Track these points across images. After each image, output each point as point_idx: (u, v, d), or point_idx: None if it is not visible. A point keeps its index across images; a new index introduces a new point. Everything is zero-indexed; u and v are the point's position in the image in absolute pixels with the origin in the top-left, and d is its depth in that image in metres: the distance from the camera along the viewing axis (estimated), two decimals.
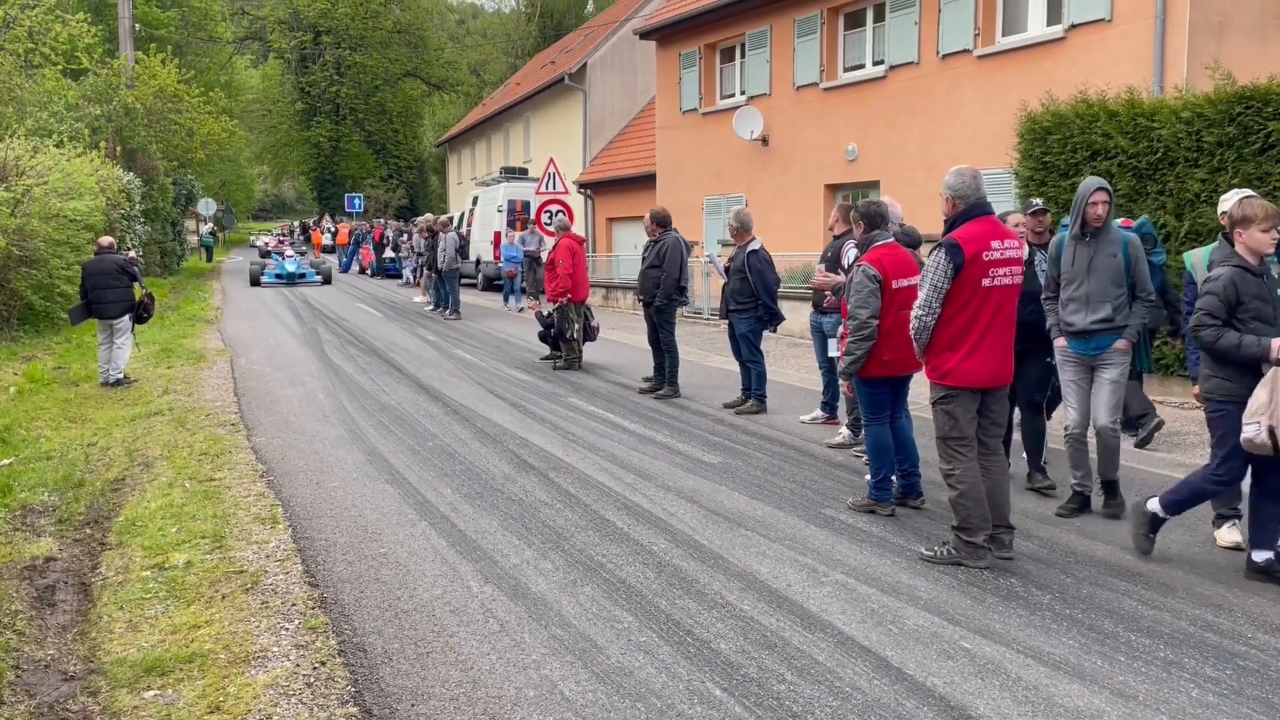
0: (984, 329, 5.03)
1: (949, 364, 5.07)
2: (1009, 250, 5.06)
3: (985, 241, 4.99)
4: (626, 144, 27.45)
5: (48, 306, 14.83)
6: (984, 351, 5.04)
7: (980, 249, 4.97)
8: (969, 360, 5.04)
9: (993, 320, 5.05)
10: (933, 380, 5.20)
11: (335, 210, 52.61)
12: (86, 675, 4.02)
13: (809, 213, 17.56)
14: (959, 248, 4.96)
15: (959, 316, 5.03)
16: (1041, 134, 10.72)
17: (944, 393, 5.14)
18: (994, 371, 5.11)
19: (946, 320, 5.06)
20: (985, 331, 5.04)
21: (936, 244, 5.11)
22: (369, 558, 5.30)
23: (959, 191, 5.13)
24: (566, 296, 11.83)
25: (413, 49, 57.22)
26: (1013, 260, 5.07)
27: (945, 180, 5.21)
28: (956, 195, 5.13)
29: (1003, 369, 5.16)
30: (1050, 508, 6.14)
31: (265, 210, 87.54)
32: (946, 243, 5.01)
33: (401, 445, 7.92)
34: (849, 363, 5.95)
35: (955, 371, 5.06)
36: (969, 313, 5.02)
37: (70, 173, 16.73)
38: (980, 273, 4.98)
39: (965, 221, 5.08)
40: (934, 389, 5.21)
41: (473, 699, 3.73)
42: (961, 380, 5.07)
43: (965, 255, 4.95)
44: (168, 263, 28.57)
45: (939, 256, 5.01)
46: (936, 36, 15.07)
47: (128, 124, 24.63)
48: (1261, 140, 8.73)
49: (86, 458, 7.73)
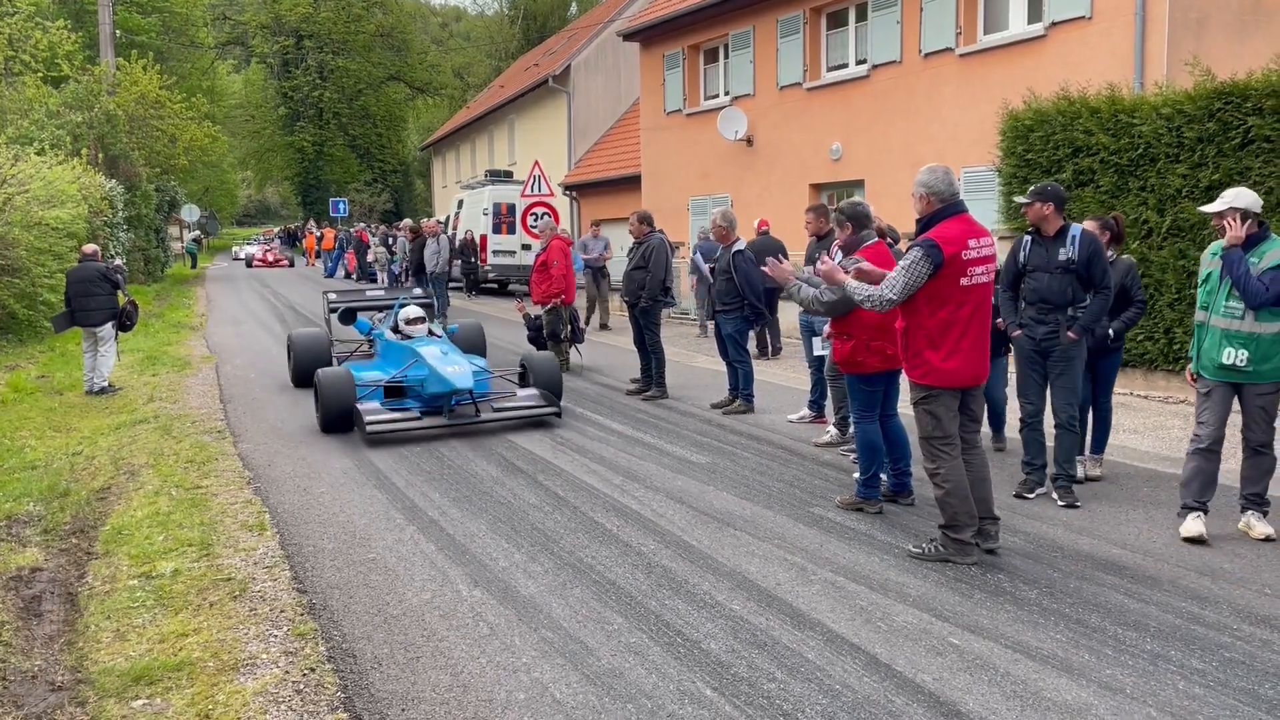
0: (963, 328, 5.02)
1: (930, 363, 5.05)
2: (985, 248, 5.04)
3: (963, 241, 4.96)
4: (611, 146, 27.45)
5: (31, 315, 14.74)
6: (964, 352, 5.04)
7: (959, 249, 4.93)
8: (950, 360, 5.03)
9: (971, 319, 5.04)
10: (914, 380, 5.18)
11: (320, 215, 52.41)
12: (74, 685, 4.00)
13: (794, 213, 17.53)
14: (938, 248, 4.91)
15: (938, 315, 5.00)
16: (1024, 132, 10.78)
17: (925, 393, 5.12)
18: (974, 371, 5.13)
19: (924, 319, 5.04)
20: (964, 331, 5.02)
21: (913, 243, 5.05)
22: (357, 563, 5.29)
23: (934, 189, 5.08)
24: (560, 298, 11.84)
25: (396, 53, 57.06)
26: (988, 258, 5.06)
27: (918, 178, 5.15)
28: (931, 193, 5.09)
29: (981, 368, 5.17)
30: (1036, 503, 6.18)
31: (249, 216, 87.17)
32: (924, 243, 4.95)
33: (388, 450, 7.90)
34: (832, 296, 5.70)
35: (936, 371, 5.05)
36: (946, 313, 4.99)
37: (52, 180, 16.61)
38: (959, 272, 4.95)
39: (941, 220, 5.04)
40: (915, 389, 5.19)
41: (463, 703, 3.73)
42: (944, 381, 5.06)
43: (944, 255, 4.90)
44: (151, 270, 28.40)
45: (916, 255, 4.94)
46: (919, 35, 15.13)
47: (109, 131, 24.46)
48: (1241, 135, 8.79)
49: (72, 467, 7.69)
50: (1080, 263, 5.98)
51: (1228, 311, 5.40)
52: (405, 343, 9.56)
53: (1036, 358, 6.15)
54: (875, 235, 6.22)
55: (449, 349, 9.10)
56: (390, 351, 9.96)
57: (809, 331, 8.50)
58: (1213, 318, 5.48)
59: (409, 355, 9.20)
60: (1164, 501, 6.15)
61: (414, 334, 9.72)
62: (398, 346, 9.69)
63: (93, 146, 23.38)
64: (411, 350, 9.18)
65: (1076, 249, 6.00)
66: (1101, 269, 6.02)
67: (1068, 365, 6.12)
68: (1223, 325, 5.42)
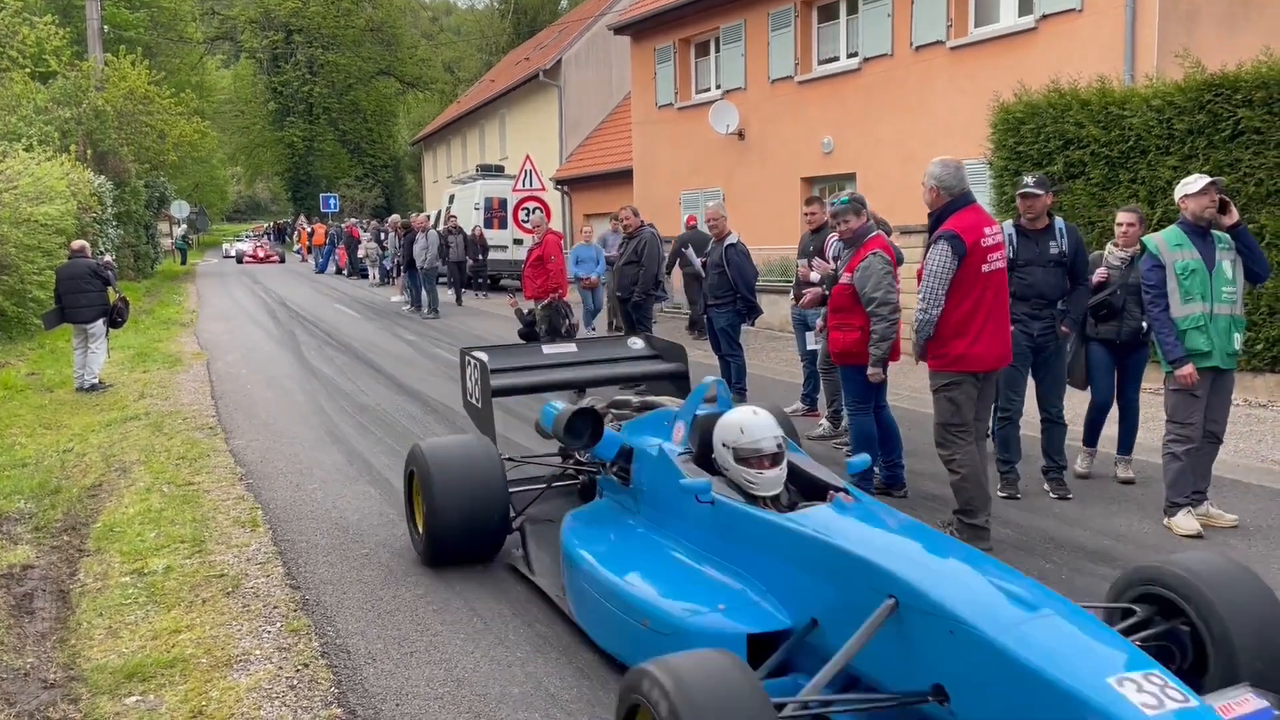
0: (987, 313, 5.10)
1: (957, 350, 5.11)
2: (996, 236, 5.16)
3: (979, 229, 5.06)
4: (603, 140, 27.40)
5: (20, 312, 14.65)
6: (989, 335, 5.12)
7: (977, 236, 5.03)
8: (977, 345, 5.10)
9: (993, 304, 5.13)
10: (938, 369, 5.22)
11: (310, 211, 52.27)
12: (67, 682, 3.99)
13: (786, 206, 17.58)
14: (959, 238, 4.99)
15: (964, 304, 5.07)
16: (1015, 124, 10.80)
17: (949, 379, 5.18)
18: (999, 353, 5.23)
19: (951, 308, 5.09)
20: (988, 316, 5.11)
21: (935, 236, 5.11)
22: (351, 559, 5.28)
23: (944, 182, 5.15)
24: (557, 292, 11.83)
25: (386, 47, 56.89)
26: (999, 245, 5.17)
27: (929, 171, 5.20)
28: (942, 186, 5.15)
29: (1005, 349, 5.29)
30: (1027, 496, 6.20)
31: (240, 212, 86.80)
32: (947, 234, 5.02)
33: (381, 445, 7.88)
34: (885, 348, 5.84)
35: (965, 357, 5.11)
36: (972, 299, 5.07)
37: (40, 177, 16.52)
38: (980, 259, 5.04)
39: (955, 211, 5.11)
40: (936, 377, 5.24)
41: (457, 698, 3.72)
42: (973, 365, 5.13)
43: (966, 244, 5.00)
44: (141, 266, 28.29)
45: (942, 249, 5.02)
46: (910, 28, 15.12)
47: (98, 127, 24.33)
48: (1231, 127, 8.82)
49: (63, 464, 7.65)
50: (1070, 255, 5.99)
51: (1228, 296, 5.35)
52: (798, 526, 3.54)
53: (1029, 354, 6.08)
54: (875, 228, 6.23)
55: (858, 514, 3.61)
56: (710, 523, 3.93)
57: (802, 325, 8.50)
58: (1215, 305, 5.33)
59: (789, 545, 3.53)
60: (1154, 493, 6.16)
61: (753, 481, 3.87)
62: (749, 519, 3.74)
63: (81, 142, 23.24)
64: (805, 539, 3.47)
65: (1066, 241, 6.01)
66: (1084, 261, 6.06)
67: (1058, 359, 6.15)
68: (1226, 311, 5.34)
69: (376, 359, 12.73)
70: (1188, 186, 5.40)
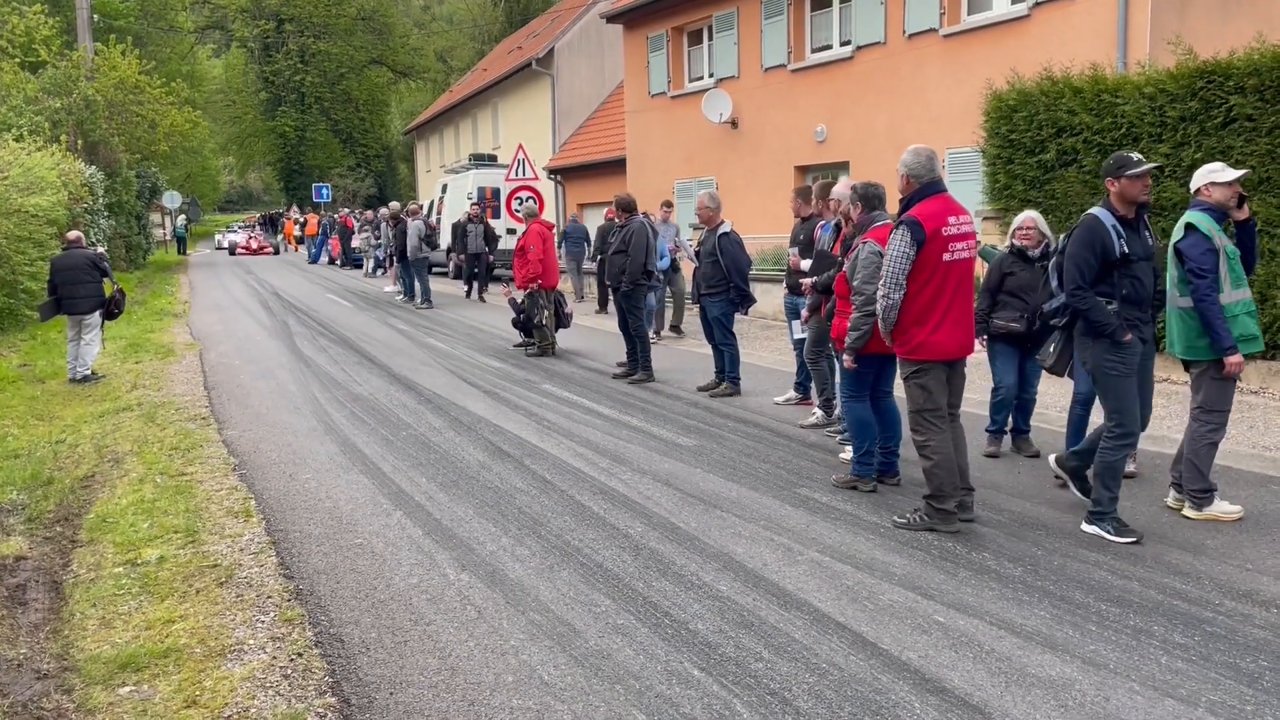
0: (948, 303, 5.19)
1: (918, 338, 5.23)
2: (964, 225, 5.22)
3: (942, 218, 5.14)
4: (596, 129, 27.34)
5: (11, 304, 14.60)
6: (950, 324, 5.21)
7: (939, 225, 5.12)
8: (937, 334, 5.20)
9: (955, 294, 5.22)
10: (903, 356, 5.35)
11: (303, 200, 52.09)
12: (60, 673, 3.99)
13: (780, 195, 17.56)
14: (919, 224, 5.10)
15: (924, 292, 5.17)
16: (1007, 112, 10.79)
17: (916, 367, 5.29)
18: (960, 342, 5.31)
19: (912, 296, 5.20)
20: (950, 305, 5.20)
21: (897, 222, 5.23)
22: (344, 548, 5.28)
23: (914, 170, 5.26)
24: (537, 283, 11.84)
25: (378, 36, 56.62)
26: (968, 235, 5.23)
27: (902, 158, 5.33)
28: (911, 174, 5.26)
29: (967, 339, 5.37)
30: (1020, 482, 6.22)
31: (232, 202, 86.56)
32: (907, 220, 5.14)
33: (375, 435, 7.88)
34: (856, 338, 5.81)
35: (925, 345, 5.22)
36: (933, 288, 5.16)
37: (31, 167, 16.44)
38: (940, 248, 5.13)
39: (921, 199, 5.22)
40: (904, 365, 5.36)
41: (451, 686, 3.73)
42: (932, 353, 5.23)
43: (926, 231, 5.09)
44: (133, 257, 28.20)
45: (901, 234, 5.14)
46: (903, 16, 15.10)
47: (88, 117, 24.21)
48: (1223, 114, 8.82)
49: (55, 455, 7.64)
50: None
51: (1247, 282, 5.32)
52: None
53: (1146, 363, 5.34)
54: (886, 216, 6.21)
55: None
56: None
57: (792, 314, 8.51)
58: (1244, 291, 5.21)
59: None
60: (1146, 478, 6.19)
61: None
62: None
63: (72, 132, 23.14)
64: None
65: (1149, 232, 5.35)
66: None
67: (1151, 363, 5.99)
68: (1247, 296, 5.27)
69: (369, 349, 12.72)
70: (1216, 175, 5.26)
